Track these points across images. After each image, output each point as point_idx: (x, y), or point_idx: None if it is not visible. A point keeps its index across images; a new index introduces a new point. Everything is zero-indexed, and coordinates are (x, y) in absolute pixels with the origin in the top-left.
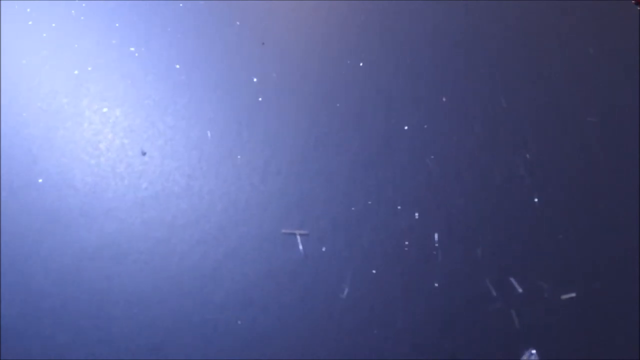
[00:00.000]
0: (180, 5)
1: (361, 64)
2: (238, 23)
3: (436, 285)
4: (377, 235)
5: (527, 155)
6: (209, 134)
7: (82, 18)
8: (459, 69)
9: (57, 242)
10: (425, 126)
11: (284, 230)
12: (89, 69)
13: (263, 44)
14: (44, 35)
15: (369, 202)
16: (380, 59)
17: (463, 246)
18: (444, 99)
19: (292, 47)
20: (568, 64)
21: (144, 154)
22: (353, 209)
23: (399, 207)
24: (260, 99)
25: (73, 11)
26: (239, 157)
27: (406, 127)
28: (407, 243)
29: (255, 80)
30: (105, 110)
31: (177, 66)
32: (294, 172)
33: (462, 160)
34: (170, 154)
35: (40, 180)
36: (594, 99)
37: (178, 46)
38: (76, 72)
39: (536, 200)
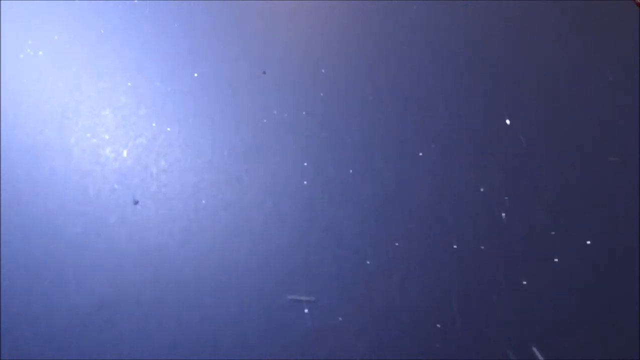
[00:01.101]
0: (175, 38)
1: (370, 98)
2: (236, 55)
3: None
4: (390, 299)
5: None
6: (205, 181)
7: (68, 46)
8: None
9: (44, 299)
10: (440, 179)
11: (290, 297)
12: (78, 99)
13: (264, 72)
14: (31, 63)
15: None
16: (390, 95)
17: (482, 312)
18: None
19: (294, 77)
20: (568, 64)
21: (136, 202)
22: (368, 262)
23: (412, 266)
24: (261, 143)
25: (56, 36)
26: (238, 208)
27: (418, 177)
28: (423, 307)
29: (255, 122)
30: (94, 141)
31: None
32: (298, 226)
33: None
34: (164, 203)
35: (28, 228)
36: (594, 99)
37: (173, 80)
38: (60, 109)
39: (556, 260)
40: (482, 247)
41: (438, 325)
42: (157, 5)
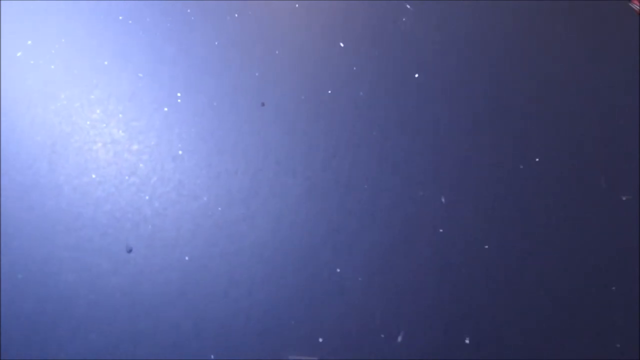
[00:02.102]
0: (170, 66)
1: (374, 133)
2: (234, 86)
3: None
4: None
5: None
6: (202, 226)
7: (59, 73)
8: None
9: (39, 352)
10: (447, 227)
11: (291, 357)
12: (69, 131)
13: (263, 104)
14: (21, 91)
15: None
16: (397, 129)
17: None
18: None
19: (294, 108)
20: (568, 64)
21: (129, 250)
22: (382, 336)
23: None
24: (261, 185)
25: (52, 66)
26: (237, 255)
27: (423, 224)
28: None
29: (255, 162)
30: (85, 179)
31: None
32: (300, 276)
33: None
34: (158, 250)
35: (20, 276)
36: (594, 99)
37: (168, 112)
38: (50, 141)
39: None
40: (495, 302)
41: None
42: (152, 31)
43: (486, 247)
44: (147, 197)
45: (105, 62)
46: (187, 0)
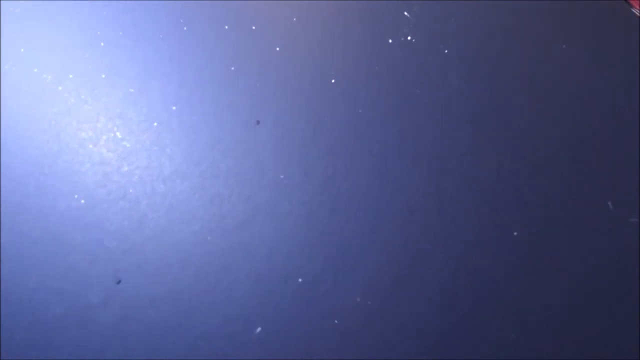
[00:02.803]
0: (161, 83)
1: (374, 154)
2: (228, 103)
3: None
4: None
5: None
6: (196, 254)
7: (47, 89)
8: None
9: None
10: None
11: None
12: (56, 150)
13: (258, 122)
14: (7, 106)
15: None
16: (395, 149)
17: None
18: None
19: (289, 127)
20: (567, 64)
21: (118, 282)
22: None
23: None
24: (256, 210)
25: (41, 74)
26: (232, 288)
27: (425, 247)
28: None
29: (249, 184)
30: (73, 203)
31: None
32: (300, 311)
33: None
34: (148, 282)
35: (4, 310)
36: (594, 100)
37: (159, 132)
38: (39, 161)
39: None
40: (498, 318)
41: None
42: (143, 46)
43: (488, 270)
44: (136, 224)
45: (103, 76)
46: (181, 13)
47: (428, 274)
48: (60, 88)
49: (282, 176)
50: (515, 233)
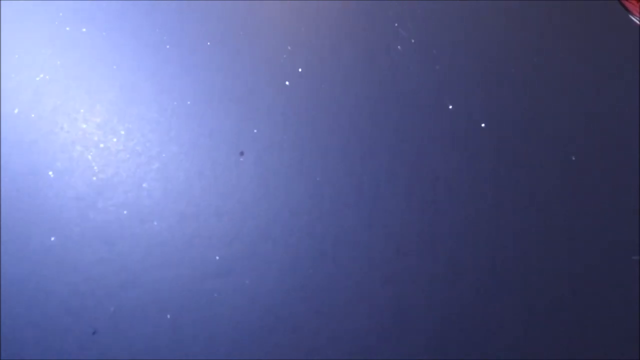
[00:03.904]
0: (143, 111)
1: (364, 192)
2: (210, 132)
3: None
4: None
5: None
6: (175, 298)
7: (15, 129)
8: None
9: None
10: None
11: None
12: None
13: (242, 153)
14: None
15: None
16: (383, 185)
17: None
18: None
19: (275, 158)
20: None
21: (94, 332)
22: None
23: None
24: (239, 256)
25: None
26: (219, 333)
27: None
28: None
29: (229, 233)
30: (53, 239)
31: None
32: (292, 341)
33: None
34: (124, 330)
35: None
36: (593, 100)
37: (135, 169)
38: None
39: None
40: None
41: None
42: (121, 74)
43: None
44: (112, 269)
45: (80, 108)
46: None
47: (418, 324)
48: (33, 115)
49: (265, 217)
50: (515, 233)
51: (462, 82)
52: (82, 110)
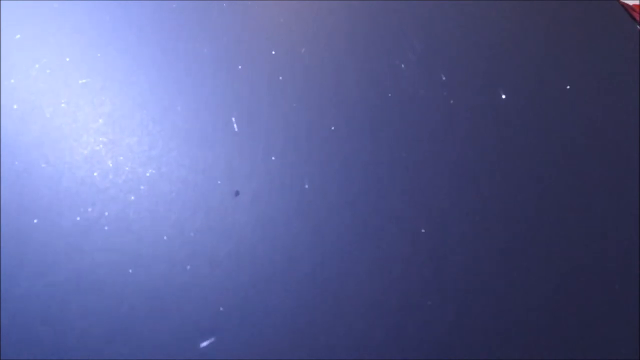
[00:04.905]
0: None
1: (368, 236)
2: (203, 169)
3: None
4: None
5: None
6: (159, 348)
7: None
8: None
9: None
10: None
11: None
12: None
13: (237, 193)
14: None
15: None
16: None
17: None
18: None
19: (272, 199)
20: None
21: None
22: None
23: None
24: (232, 309)
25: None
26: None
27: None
28: None
29: (225, 277)
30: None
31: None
32: None
33: None
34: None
35: None
36: (594, 100)
37: (125, 207)
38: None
39: None
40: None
41: None
42: (117, 98)
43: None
44: (97, 309)
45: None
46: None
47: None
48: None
49: (262, 264)
50: (514, 233)
51: (467, 84)
52: (68, 140)
